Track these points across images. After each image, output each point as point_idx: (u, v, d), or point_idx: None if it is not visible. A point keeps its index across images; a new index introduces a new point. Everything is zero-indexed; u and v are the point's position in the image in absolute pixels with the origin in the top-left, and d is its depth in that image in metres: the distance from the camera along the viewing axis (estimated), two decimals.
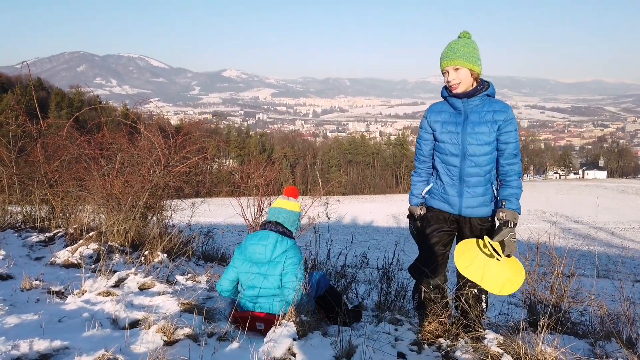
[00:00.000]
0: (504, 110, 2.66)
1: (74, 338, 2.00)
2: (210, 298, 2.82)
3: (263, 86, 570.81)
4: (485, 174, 2.65)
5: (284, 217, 2.79)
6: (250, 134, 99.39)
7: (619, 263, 33.45)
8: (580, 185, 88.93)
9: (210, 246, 6.96)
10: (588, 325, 3.08)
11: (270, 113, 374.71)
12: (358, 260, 5.15)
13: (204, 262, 5.14)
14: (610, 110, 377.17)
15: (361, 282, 5.92)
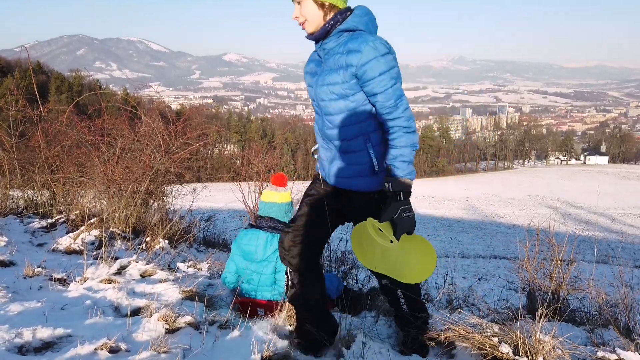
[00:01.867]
0: (358, 49, 1.92)
1: (76, 326, 2.02)
2: (211, 285, 2.84)
3: (264, 70, 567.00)
4: (352, 137, 2.03)
5: (275, 211, 2.74)
6: (251, 119, 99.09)
7: (619, 249, 33.60)
8: (581, 170, 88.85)
9: (211, 232, 7.00)
10: (586, 313, 3.09)
11: (271, 97, 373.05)
12: None
13: (205, 248, 5.16)
14: (613, 95, 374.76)
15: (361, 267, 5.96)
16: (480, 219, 46.83)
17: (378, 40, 1.95)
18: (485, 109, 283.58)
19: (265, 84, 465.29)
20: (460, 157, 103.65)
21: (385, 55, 1.94)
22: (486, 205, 54.69)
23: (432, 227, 41.79)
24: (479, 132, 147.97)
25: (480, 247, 31.69)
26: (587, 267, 13.49)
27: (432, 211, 51.61)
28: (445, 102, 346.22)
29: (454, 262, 20.25)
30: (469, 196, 61.60)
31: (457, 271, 14.79)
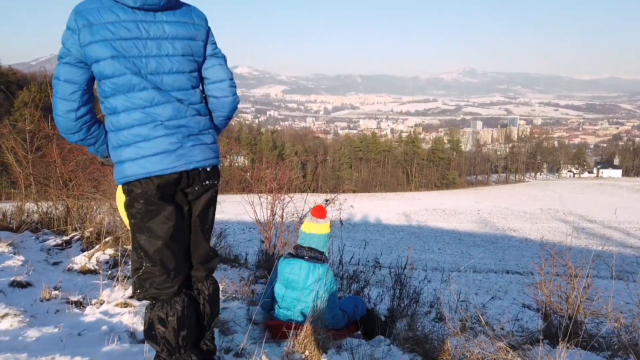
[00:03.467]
0: None
1: (93, 353, 2.03)
2: (225, 309, 2.84)
3: (274, 83, 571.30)
4: None
5: (315, 241, 2.84)
6: (261, 131, 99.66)
7: (635, 264, 33.02)
8: (594, 184, 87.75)
9: (223, 246, 7.01)
10: (605, 338, 3.03)
11: (282, 110, 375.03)
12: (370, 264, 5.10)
13: (218, 264, 5.16)
14: (626, 107, 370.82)
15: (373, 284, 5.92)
16: (492, 232, 46.36)
17: None
18: (496, 122, 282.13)
19: (276, 96, 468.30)
20: (471, 170, 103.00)
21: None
22: (498, 219, 54.17)
23: (443, 241, 41.43)
24: (490, 145, 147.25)
25: (492, 261, 31.33)
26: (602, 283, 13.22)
27: (443, 224, 51.24)
28: (456, 114, 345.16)
29: (465, 276, 20.03)
30: (480, 209, 61.09)
31: (469, 287, 14.62)
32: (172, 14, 1.78)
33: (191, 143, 1.79)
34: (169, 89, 1.78)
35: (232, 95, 1.94)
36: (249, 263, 6.41)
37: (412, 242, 40.52)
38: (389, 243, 39.54)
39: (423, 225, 50.84)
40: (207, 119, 1.91)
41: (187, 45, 1.81)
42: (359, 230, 46.64)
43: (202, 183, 1.83)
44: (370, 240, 40.60)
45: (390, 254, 33.61)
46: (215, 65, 1.90)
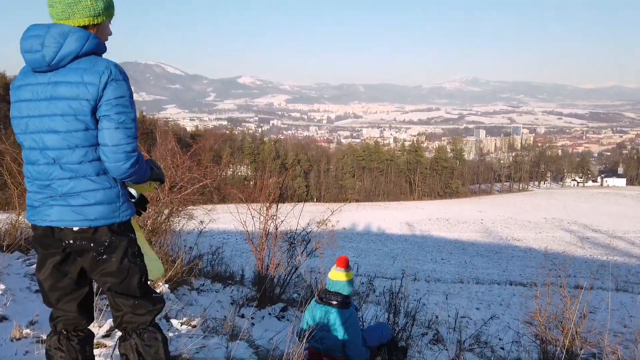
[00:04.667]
0: None
1: None
2: (203, 347, 2.73)
3: (277, 92, 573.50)
4: None
5: (341, 287, 3.18)
6: (264, 140, 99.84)
7: None
8: (599, 192, 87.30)
9: (220, 261, 6.92)
10: None
11: (285, 119, 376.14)
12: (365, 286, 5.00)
13: (211, 283, 5.08)
14: (629, 116, 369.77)
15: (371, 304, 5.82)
16: (496, 242, 46.07)
17: None
18: (499, 130, 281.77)
19: (279, 105, 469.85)
20: (474, 179, 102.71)
21: None
22: (501, 228, 53.87)
23: (446, 250, 41.20)
24: (493, 154, 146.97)
25: (496, 271, 31.07)
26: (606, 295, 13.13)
27: (446, 234, 50.98)
28: (459, 123, 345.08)
29: (468, 288, 19.84)
30: (484, 218, 60.78)
31: (471, 300, 14.46)
32: (62, 74, 1.85)
33: (53, 202, 1.89)
34: (45, 148, 1.87)
35: (116, 163, 1.87)
36: (246, 279, 6.32)
37: (415, 252, 40.30)
38: (392, 253, 39.32)
39: (426, 234, 50.60)
40: (89, 180, 1.90)
41: (68, 105, 1.83)
42: (362, 240, 46.48)
43: (72, 242, 1.91)
44: (372, 250, 40.48)
45: (393, 264, 33.44)
46: (102, 129, 1.86)
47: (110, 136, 1.85)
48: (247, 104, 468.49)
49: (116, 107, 1.85)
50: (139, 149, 1.95)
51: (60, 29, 1.86)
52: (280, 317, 3.76)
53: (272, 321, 3.62)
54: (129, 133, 1.87)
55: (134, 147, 1.91)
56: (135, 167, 1.91)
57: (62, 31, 1.85)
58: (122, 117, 1.86)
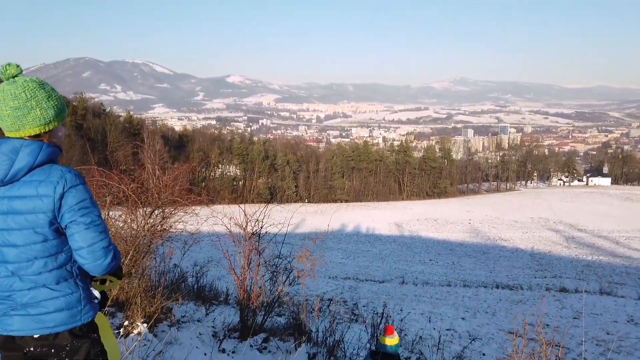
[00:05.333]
0: None
1: None
2: None
3: (267, 92, 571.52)
4: None
5: (390, 349, 3.68)
6: (253, 140, 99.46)
7: (624, 274, 33.10)
8: (584, 192, 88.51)
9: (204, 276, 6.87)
10: None
11: (274, 118, 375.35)
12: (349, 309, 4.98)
13: (196, 306, 5.04)
14: (614, 115, 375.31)
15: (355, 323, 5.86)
16: (483, 242, 46.47)
17: None
18: (486, 130, 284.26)
19: (268, 105, 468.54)
20: (462, 178, 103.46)
21: None
22: (489, 228, 54.35)
23: (435, 251, 41.47)
24: (481, 153, 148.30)
25: (483, 272, 31.34)
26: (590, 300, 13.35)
27: (435, 234, 51.30)
28: (447, 122, 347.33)
29: (455, 292, 19.99)
30: (472, 218, 61.27)
31: (457, 308, 14.58)
32: (16, 188, 1.87)
33: (14, 313, 1.90)
34: (5, 262, 1.89)
35: (95, 261, 1.90)
36: (230, 296, 6.28)
37: (404, 253, 40.46)
38: (380, 254, 39.48)
39: (415, 235, 50.86)
40: (49, 289, 1.92)
41: (24, 219, 1.85)
42: (351, 241, 46.60)
43: (33, 349, 1.93)
44: (361, 252, 40.59)
45: (382, 266, 33.52)
46: (73, 235, 1.88)
47: (84, 238, 1.87)
48: (236, 103, 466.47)
49: (79, 211, 1.88)
50: None
51: (11, 144, 1.86)
52: (262, 348, 3.76)
53: (253, 354, 3.62)
54: (100, 229, 1.90)
55: (109, 241, 1.93)
56: (115, 260, 1.94)
57: (14, 147, 1.86)
58: (89, 218, 1.89)
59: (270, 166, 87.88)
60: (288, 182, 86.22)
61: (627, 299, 18.31)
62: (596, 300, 17.08)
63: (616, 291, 22.07)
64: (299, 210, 71.62)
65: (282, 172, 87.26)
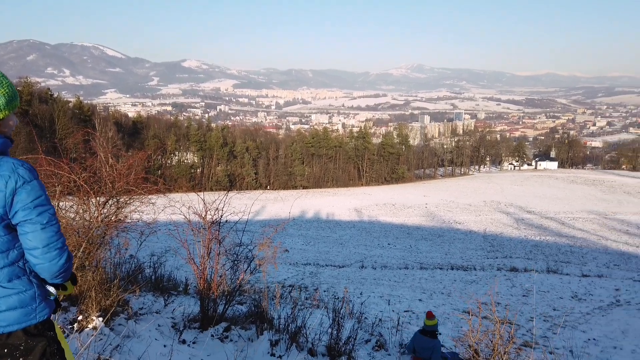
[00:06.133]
0: None
1: None
2: None
3: (224, 77, 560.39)
4: None
5: (430, 328, 5.26)
6: (211, 126, 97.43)
7: (569, 253, 35.01)
8: (533, 175, 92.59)
9: (163, 266, 6.73)
10: None
11: (232, 104, 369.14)
12: (312, 276, 5.02)
13: (154, 297, 4.94)
14: (561, 102, 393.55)
15: (317, 309, 5.92)
16: (439, 225, 47.88)
17: None
18: (442, 116, 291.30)
19: (226, 90, 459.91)
20: (419, 164, 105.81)
21: None
22: (444, 212, 56.01)
23: (393, 235, 42.37)
24: (437, 139, 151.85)
25: (439, 254, 32.35)
26: (538, 278, 14.05)
27: (393, 219, 52.37)
28: (405, 109, 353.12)
29: (412, 274, 20.57)
30: (428, 203, 62.91)
31: (414, 290, 15.02)
32: None
33: None
34: None
35: (50, 262, 1.83)
36: (190, 286, 6.19)
37: (363, 237, 41.11)
38: (340, 240, 39.94)
39: (374, 220, 51.72)
40: (1, 287, 1.85)
41: None
42: (311, 227, 46.84)
43: None
44: (321, 238, 40.89)
45: (342, 251, 33.93)
46: (26, 234, 1.81)
47: (39, 238, 1.79)
48: (192, 88, 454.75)
49: (36, 209, 1.79)
50: None
51: None
52: (223, 337, 3.73)
53: (215, 344, 3.59)
54: (55, 229, 1.83)
55: (64, 241, 1.86)
56: (70, 261, 1.88)
57: None
58: (46, 217, 1.81)
59: (229, 153, 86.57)
60: (247, 169, 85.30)
61: (572, 277, 19.46)
62: (544, 278, 18.05)
63: (562, 269, 23.39)
64: (259, 197, 71.19)
65: (242, 159, 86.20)
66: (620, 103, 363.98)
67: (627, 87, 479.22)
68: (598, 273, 22.49)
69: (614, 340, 9.22)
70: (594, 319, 11.17)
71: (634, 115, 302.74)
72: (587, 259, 30.51)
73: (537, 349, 7.43)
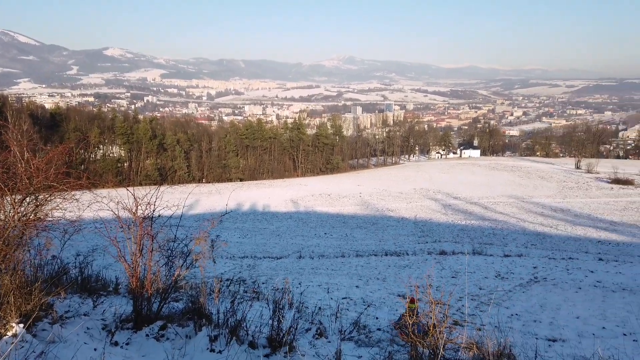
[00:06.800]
0: None
1: None
2: None
3: (151, 66, 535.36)
4: None
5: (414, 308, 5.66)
6: (138, 118, 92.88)
7: (492, 235, 37.41)
8: (458, 163, 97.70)
9: (90, 265, 6.35)
10: None
11: (161, 95, 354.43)
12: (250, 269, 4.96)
13: (81, 297, 4.65)
14: (482, 93, 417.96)
15: (256, 301, 5.87)
16: (373, 213, 49.24)
17: None
18: (374, 107, 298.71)
19: (154, 80, 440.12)
20: (353, 154, 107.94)
21: None
22: (377, 200, 57.65)
23: (329, 225, 42.99)
24: (369, 130, 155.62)
25: (373, 242, 33.29)
26: (464, 259, 14.88)
27: (329, 208, 53.09)
28: (338, 100, 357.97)
29: (349, 262, 21.01)
30: (362, 192, 64.41)
31: (351, 277, 15.36)
32: None
33: None
34: None
35: None
36: (121, 285, 5.89)
37: (300, 228, 41.33)
38: (278, 231, 39.87)
39: (310, 210, 52.13)
40: None
41: None
42: (247, 220, 46.29)
43: None
44: (258, 230, 40.57)
45: (279, 242, 33.89)
46: None
47: None
48: (116, 78, 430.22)
49: None
50: None
51: None
52: (159, 336, 3.57)
53: (150, 344, 3.43)
54: None
55: None
56: None
57: None
58: None
59: (159, 146, 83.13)
60: (179, 162, 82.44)
61: (495, 257, 20.83)
62: (470, 260, 19.17)
63: (486, 251, 24.97)
64: (193, 191, 69.04)
65: (172, 152, 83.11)
66: (534, 94, 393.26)
67: (540, 80, 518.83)
68: (518, 253, 24.28)
69: (533, 314, 10.01)
70: (515, 295, 12.05)
71: (546, 106, 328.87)
72: (508, 240, 32.79)
73: (467, 327, 7.89)
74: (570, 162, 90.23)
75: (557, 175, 75.84)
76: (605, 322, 9.33)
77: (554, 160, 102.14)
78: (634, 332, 8.21)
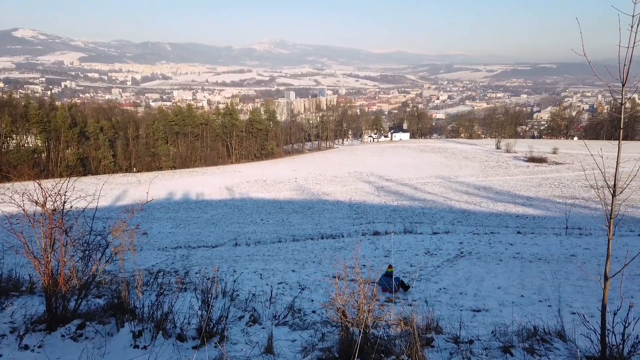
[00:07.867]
0: None
1: None
2: None
3: (68, 49, 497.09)
4: None
5: (392, 274, 9.83)
6: (55, 105, 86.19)
7: (422, 214, 39.04)
8: (389, 146, 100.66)
9: (4, 268, 5.86)
10: (390, 340, 3.38)
11: (80, 80, 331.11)
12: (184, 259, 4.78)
13: None
14: (411, 78, 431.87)
15: (187, 292, 5.68)
16: (309, 198, 49.62)
17: None
18: (307, 92, 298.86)
19: (71, 64, 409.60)
20: (288, 139, 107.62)
21: None
22: (313, 185, 58.12)
23: (265, 211, 42.76)
24: (303, 114, 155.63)
25: (310, 226, 33.62)
26: (397, 239, 15.45)
27: (265, 194, 52.75)
28: (270, 85, 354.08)
29: (286, 247, 21.05)
30: (298, 177, 64.60)
31: (287, 262, 15.39)
32: None
33: None
34: None
35: None
36: (37, 285, 5.46)
37: (236, 215, 40.73)
38: (212, 219, 39.02)
39: (246, 197, 51.50)
40: None
41: None
42: (180, 209, 44.86)
43: None
44: (192, 219, 39.49)
45: (214, 230, 33.19)
46: None
47: None
48: (29, 62, 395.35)
49: None
50: None
51: None
52: (76, 336, 3.32)
53: (66, 344, 3.17)
54: None
55: None
56: None
57: None
58: None
59: (80, 134, 77.84)
60: (103, 151, 77.79)
61: (424, 235, 21.79)
62: (402, 239, 19.91)
63: (416, 229, 26.06)
64: (119, 181, 65.63)
65: (96, 141, 78.21)
66: (458, 79, 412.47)
67: (463, 64, 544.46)
68: (445, 230, 25.59)
69: (459, 287, 10.59)
70: (443, 270, 12.69)
71: (469, 89, 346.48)
72: (436, 219, 34.44)
73: (397, 303, 8.19)
74: (491, 143, 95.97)
75: (480, 155, 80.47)
76: (524, 290, 10.08)
77: (476, 141, 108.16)
78: (548, 299, 8.94)
